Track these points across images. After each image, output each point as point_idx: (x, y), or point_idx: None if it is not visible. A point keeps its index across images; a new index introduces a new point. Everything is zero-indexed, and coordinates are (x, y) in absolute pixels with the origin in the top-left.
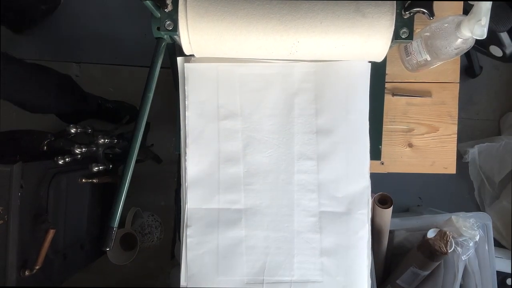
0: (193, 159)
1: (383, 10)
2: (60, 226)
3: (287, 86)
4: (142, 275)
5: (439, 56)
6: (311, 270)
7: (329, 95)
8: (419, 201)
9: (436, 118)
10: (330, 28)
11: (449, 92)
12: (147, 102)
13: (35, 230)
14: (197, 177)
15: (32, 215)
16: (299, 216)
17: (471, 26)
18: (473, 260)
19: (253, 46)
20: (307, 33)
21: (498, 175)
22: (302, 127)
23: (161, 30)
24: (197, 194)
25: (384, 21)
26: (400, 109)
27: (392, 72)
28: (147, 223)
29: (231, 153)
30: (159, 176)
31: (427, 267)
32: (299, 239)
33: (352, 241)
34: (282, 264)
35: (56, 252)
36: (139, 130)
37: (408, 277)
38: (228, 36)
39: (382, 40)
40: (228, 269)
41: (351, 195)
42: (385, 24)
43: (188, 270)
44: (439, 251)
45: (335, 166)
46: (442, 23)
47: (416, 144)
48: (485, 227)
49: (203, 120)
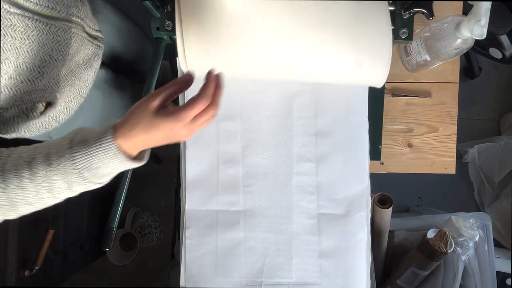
0: (192, 160)
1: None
2: (60, 226)
3: (287, 88)
4: (142, 275)
5: (438, 56)
6: (310, 272)
7: (328, 97)
8: (419, 201)
9: (435, 118)
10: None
11: (448, 92)
12: None
13: (35, 230)
14: (196, 178)
15: (32, 215)
16: (297, 218)
17: (471, 26)
18: (473, 260)
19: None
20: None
21: (498, 175)
22: (301, 129)
23: (160, 30)
24: (196, 195)
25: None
26: (400, 109)
27: (391, 72)
28: (146, 223)
29: (230, 154)
30: (159, 176)
31: (427, 267)
32: (297, 240)
33: (351, 243)
34: (280, 265)
35: (56, 252)
36: None
37: (408, 277)
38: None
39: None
40: (226, 271)
41: (350, 197)
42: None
43: (187, 271)
44: (439, 251)
45: (334, 168)
46: (441, 23)
47: (416, 144)
48: (484, 227)
49: None
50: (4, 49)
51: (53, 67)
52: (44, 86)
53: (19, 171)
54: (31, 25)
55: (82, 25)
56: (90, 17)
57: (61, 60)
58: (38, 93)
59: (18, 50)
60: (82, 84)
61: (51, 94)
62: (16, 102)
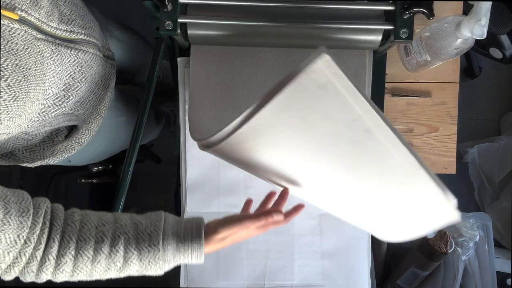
0: (193, 162)
1: None
2: None
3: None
4: (142, 275)
5: (439, 56)
6: (312, 273)
7: None
8: None
9: (436, 118)
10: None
11: (449, 92)
12: (147, 102)
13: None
14: (196, 180)
15: None
16: (299, 219)
17: (471, 26)
18: (473, 260)
19: None
20: None
21: (498, 175)
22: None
23: (160, 30)
24: (196, 198)
25: None
26: (400, 109)
27: (392, 72)
28: None
29: None
30: (159, 176)
31: (427, 267)
32: (299, 242)
33: (353, 242)
34: (283, 267)
35: None
36: (139, 130)
37: (408, 277)
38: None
39: None
40: (228, 274)
41: None
42: None
43: (188, 275)
44: (439, 251)
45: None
46: (442, 23)
47: (416, 144)
48: (485, 227)
49: None
50: (35, 76)
51: (77, 90)
52: (71, 109)
53: (99, 245)
54: (55, 50)
55: (98, 45)
56: (102, 37)
57: (84, 81)
58: (65, 116)
59: (45, 76)
60: (101, 104)
61: (77, 116)
62: (45, 127)
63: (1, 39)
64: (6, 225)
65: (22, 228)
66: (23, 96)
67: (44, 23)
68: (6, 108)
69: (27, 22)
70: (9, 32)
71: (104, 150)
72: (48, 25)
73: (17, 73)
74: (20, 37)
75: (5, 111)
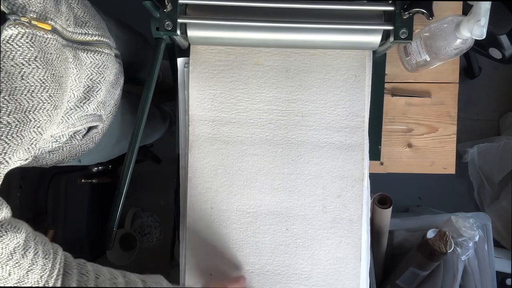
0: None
1: None
2: (60, 227)
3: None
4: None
5: (438, 57)
6: None
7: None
8: (418, 201)
9: (435, 118)
10: None
11: (448, 92)
12: (147, 102)
13: (34, 230)
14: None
15: (31, 215)
16: None
17: (471, 26)
18: (473, 260)
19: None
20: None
21: (498, 175)
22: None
23: (160, 31)
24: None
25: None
26: (399, 109)
27: (391, 72)
28: (146, 224)
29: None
30: (159, 176)
31: (427, 267)
32: None
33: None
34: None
35: None
36: (139, 130)
37: (407, 277)
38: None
39: None
40: None
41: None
42: None
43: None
44: (439, 251)
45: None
46: (441, 24)
47: (416, 144)
48: (484, 227)
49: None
50: (66, 82)
51: (97, 90)
52: (93, 110)
53: None
54: (76, 54)
55: (110, 44)
56: (110, 36)
57: (102, 82)
58: (88, 117)
59: (69, 81)
60: (113, 102)
61: (100, 117)
62: (68, 128)
63: (39, 52)
64: (35, 265)
65: (44, 270)
66: (60, 103)
67: (64, 29)
68: (49, 118)
69: (56, 31)
70: (45, 43)
71: (111, 148)
72: (66, 30)
73: (54, 83)
74: (53, 47)
75: (48, 121)
